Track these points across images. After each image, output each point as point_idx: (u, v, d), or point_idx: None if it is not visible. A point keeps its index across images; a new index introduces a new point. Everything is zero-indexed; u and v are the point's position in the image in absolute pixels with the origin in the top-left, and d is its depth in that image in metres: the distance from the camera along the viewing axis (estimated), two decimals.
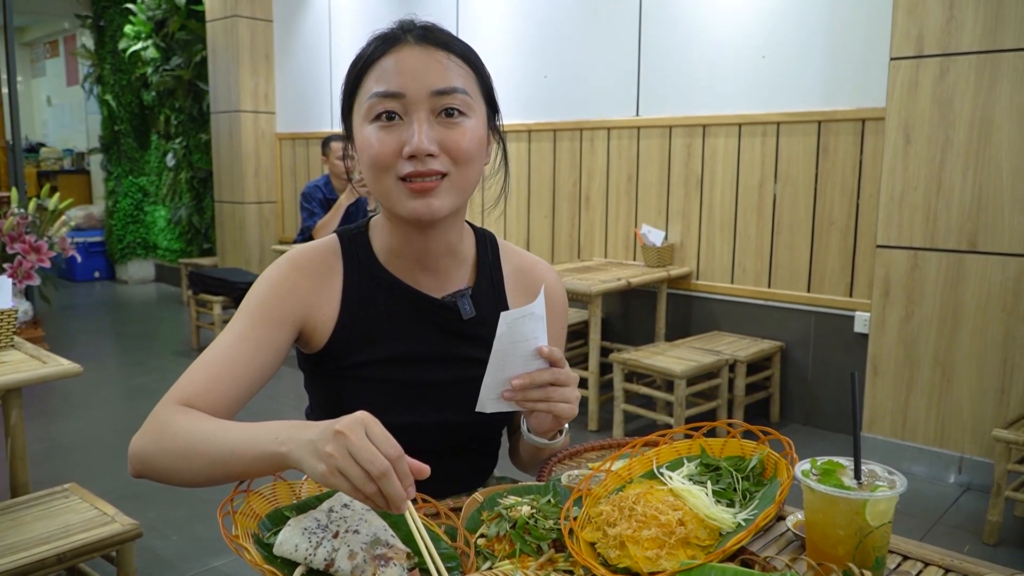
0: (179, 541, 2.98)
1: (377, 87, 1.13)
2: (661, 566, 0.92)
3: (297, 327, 1.22)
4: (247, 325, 1.18)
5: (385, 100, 1.12)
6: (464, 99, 1.14)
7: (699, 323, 4.59)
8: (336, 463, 0.87)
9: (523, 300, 1.35)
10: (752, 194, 4.28)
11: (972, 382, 3.35)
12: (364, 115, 1.15)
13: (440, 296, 1.27)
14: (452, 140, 1.13)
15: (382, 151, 1.13)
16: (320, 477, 0.88)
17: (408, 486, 0.88)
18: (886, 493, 0.94)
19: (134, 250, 9.13)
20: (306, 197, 4.78)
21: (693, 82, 4.44)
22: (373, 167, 1.15)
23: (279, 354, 1.20)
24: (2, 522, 2.08)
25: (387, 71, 1.13)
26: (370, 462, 0.86)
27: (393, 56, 1.13)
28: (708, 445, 1.17)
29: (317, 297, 1.23)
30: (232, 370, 1.14)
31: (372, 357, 1.24)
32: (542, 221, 5.28)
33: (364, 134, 1.15)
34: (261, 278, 1.23)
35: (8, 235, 3.18)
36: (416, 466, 0.90)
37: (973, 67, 3.22)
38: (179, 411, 1.08)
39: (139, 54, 8.22)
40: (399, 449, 0.89)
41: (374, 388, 1.25)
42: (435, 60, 1.13)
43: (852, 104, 3.89)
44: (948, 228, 3.34)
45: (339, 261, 1.26)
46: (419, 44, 1.14)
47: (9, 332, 2.46)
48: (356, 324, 1.24)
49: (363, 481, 0.86)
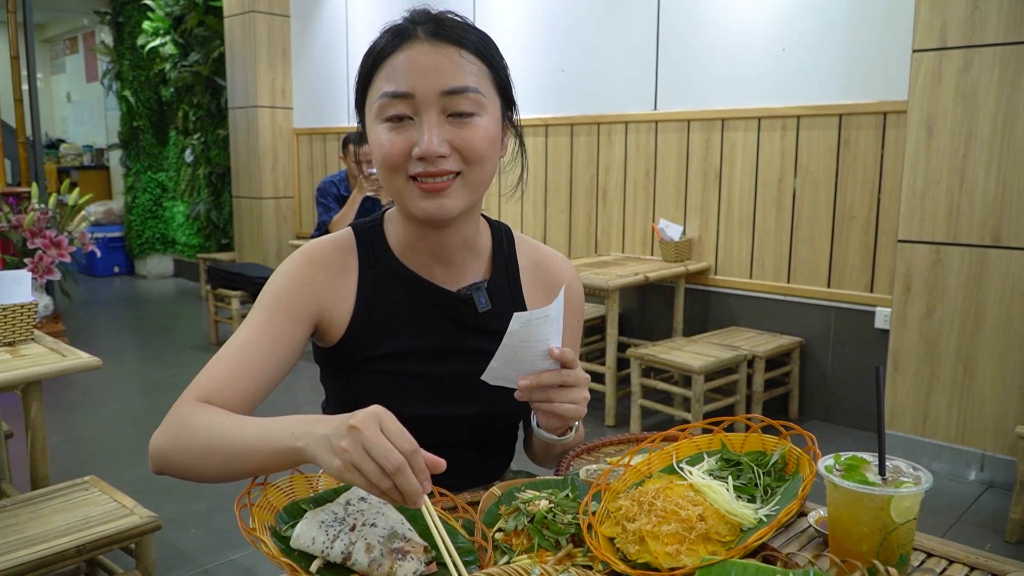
0: (198, 534, 3.00)
1: (387, 86, 1.12)
2: (681, 562, 0.91)
3: (313, 321, 1.22)
4: (264, 320, 1.18)
5: (395, 101, 1.11)
6: (476, 98, 1.12)
7: (717, 318, 4.56)
8: (351, 458, 0.86)
9: (539, 293, 1.34)
10: (771, 188, 4.25)
11: (995, 379, 3.31)
12: (376, 113, 1.14)
13: (455, 289, 1.27)
14: (464, 139, 1.12)
15: (392, 152, 1.12)
16: (336, 472, 0.88)
17: (424, 480, 0.88)
18: (911, 489, 0.92)
19: (153, 245, 9.19)
20: (321, 192, 4.79)
21: (712, 75, 4.41)
22: (384, 167, 1.14)
23: (296, 348, 1.20)
24: (23, 514, 2.10)
25: (397, 70, 1.11)
26: (384, 457, 0.85)
27: (403, 53, 1.12)
28: (729, 440, 1.16)
29: (332, 291, 1.23)
30: (250, 366, 1.14)
31: (387, 350, 1.24)
32: (559, 216, 5.26)
33: (376, 133, 1.14)
34: (276, 273, 1.23)
35: (29, 230, 3.20)
36: (432, 460, 0.89)
37: (998, 59, 3.17)
38: (198, 408, 1.08)
39: (157, 50, 8.26)
40: (414, 443, 0.88)
41: (389, 381, 1.25)
42: (446, 58, 1.11)
43: (873, 97, 3.85)
44: (971, 223, 3.30)
45: (354, 255, 1.26)
46: (430, 40, 1.11)
47: (29, 326, 2.47)
48: (371, 317, 1.24)
49: (378, 476, 0.85)
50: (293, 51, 7.27)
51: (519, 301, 1.32)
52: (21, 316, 2.45)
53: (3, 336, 2.42)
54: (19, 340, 2.45)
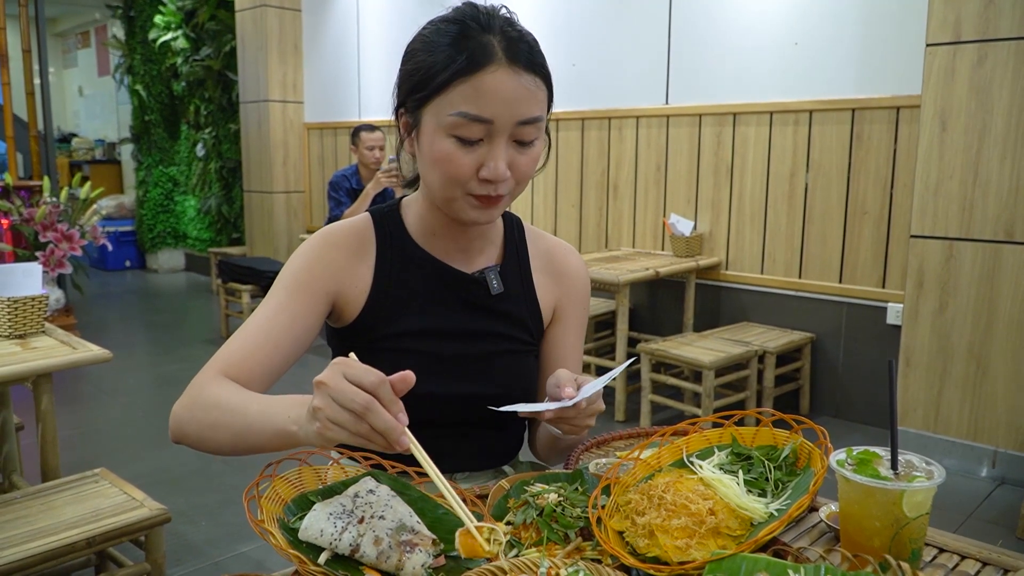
0: (207, 526, 3.01)
1: (466, 107, 1.10)
2: (691, 556, 0.90)
3: (331, 299, 1.25)
4: (283, 298, 1.21)
5: (472, 124, 1.11)
6: (540, 125, 1.16)
7: (728, 314, 4.54)
8: (325, 415, 0.87)
9: (552, 282, 1.39)
10: (783, 183, 4.23)
11: (1007, 375, 3.29)
12: (447, 126, 1.12)
13: (470, 272, 1.30)
14: (522, 165, 1.16)
15: (460, 171, 1.13)
16: (318, 437, 0.89)
17: (398, 412, 0.87)
18: (924, 484, 0.91)
19: (164, 239, 9.23)
20: (334, 186, 4.78)
21: (724, 70, 4.39)
22: (447, 180, 1.15)
23: (314, 326, 1.23)
24: (33, 506, 2.10)
25: (478, 93, 1.10)
26: (351, 400, 0.85)
27: (487, 76, 1.10)
28: (739, 434, 1.15)
29: (350, 271, 1.26)
30: (269, 341, 1.17)
31: (403, 329, 1.27)
32: (570, 210, 5.25)
33: (441, 145, 1.13)
34: (295, 254, 1.26)
35: (40, 224, 3.21)
36: (397, 378, 0.89)
37: (1012, 53, 3.14)
38: (213, 381, 1.11)
39: (169, 44, 8.29)
40: (379, 375, 0.87)
41: (403, 359, 1.26)
42: (524, 88, 1.12)
43: (886, 91, 3.82)
44: (984, 218, 3.28)
45: (372, 237, 1.29)
46: (511, 66, 1.11)
47: (40, 318, 2.48)
48: (388, 297, 1.27)
49: (353, 423, 0.85)
50: (304, 45, 7.28)
51: (529, 287, 1.36)
52: (32, 309, 2.45)
53: (14, 328, 2.42)
54: (30, 333, 2.46)
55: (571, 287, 1.40)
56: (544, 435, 1.32)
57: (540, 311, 1.36)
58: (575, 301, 1.40)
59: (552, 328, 1.39)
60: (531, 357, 1.37)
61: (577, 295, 1.40)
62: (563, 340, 1.39)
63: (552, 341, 1.39)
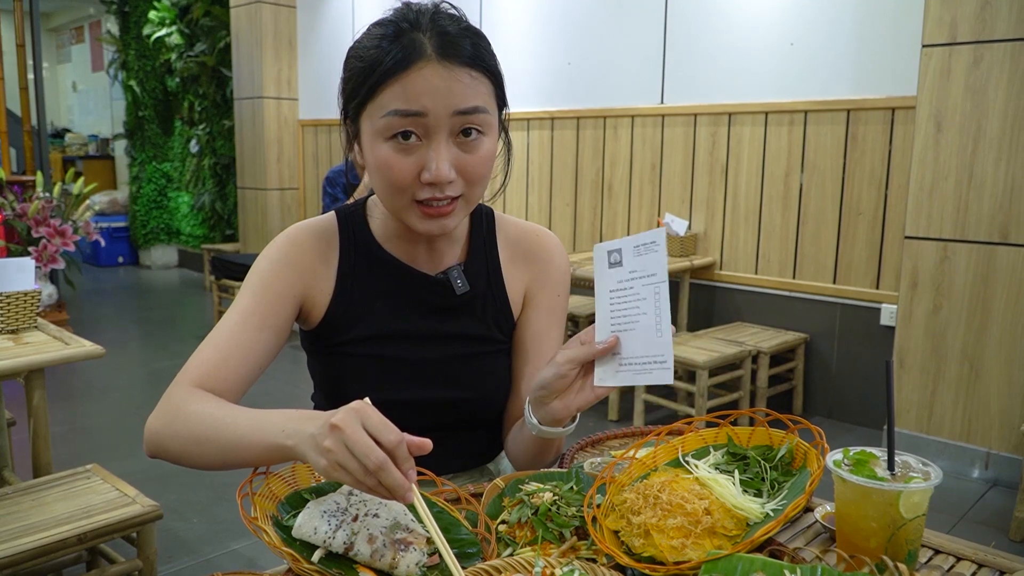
0: (199, 523, 3.00)
1: (396, 104, 1.07)
2: (687, 556, 0.90)
3: (298, 301, 1.23)
4: (250, 303, 1.18)
5: (404, 119, 1.07)
6: (484, 118, 1.10)
7: (722, 314, 4.55)
8: (335, 458, 0.86)
9: (523, 268, 1.33)
10: (778, 183, 4.23)
11: (1001, 377, 3.29)
12: (379, 130, 1.09)
13: (435, 273, 1.27)
14: (470, 165, 1.10)
15: (401, 176, 1.09)
16: (323, 472, 0.88)
17: (408, 470, 0.87)
18: (921, 485, 0.91)
19: (157, 235, 9.20)
20: (330, 182, 4.76)
21: (719, 69, 4.39)
22: (389, 187, 1.12)
23: (283, 329, 1.21)
24: (24, 502, 2.09)
25: (407, 90, 1.06)
26: (365, 456, 0.85)
27: (414, 74, 1.06)
28: (735, 434, 1.15)
29: (314, 272, 1.24)
30: (240, 348, 1.15)
31: (367, 333, 1.25)
32: (564, 209, 5.25)
33: (379, 152, 1.10)
34: (261, 256, 1.24)
35: (33, 218, 3.20)
36: (416, 443, 0.89)
37: (1008, 55, 3.15)
38: (192, 394, 1.08)
39: (163, 40, 8.26)
40: (398, 434, 0.87)
41: (368, 364, 1.25)
42: (457, 80, 1.07)
43: (882, 92, 3.83)
44: (979, 219, 3.28)
45: (336, 237, 1.26)
46: (441, 62, 1.06)
47: (32, 313, 2.47)
48: (351, 300, 1.25)
49: (362, 474, 0.85)
50: (299, 42, 7.26)
51: (497, 281, 1.31)
52: (24, 304, 2.44)
53: (6, 323, 2.41)
54: (22, 328, 2.45)
55: (541, 269, 1.33)
56: (520, 440, 1.26)
57: (509, 304, 1.31)
58: (546, 283, 1.33)
59: (523, 313, 1.33)
60: (503, 356, 1.32)
61: (548, 276, 1.33)
62: (534, 323, 1.32)
63: (522, 325, 1.33)
